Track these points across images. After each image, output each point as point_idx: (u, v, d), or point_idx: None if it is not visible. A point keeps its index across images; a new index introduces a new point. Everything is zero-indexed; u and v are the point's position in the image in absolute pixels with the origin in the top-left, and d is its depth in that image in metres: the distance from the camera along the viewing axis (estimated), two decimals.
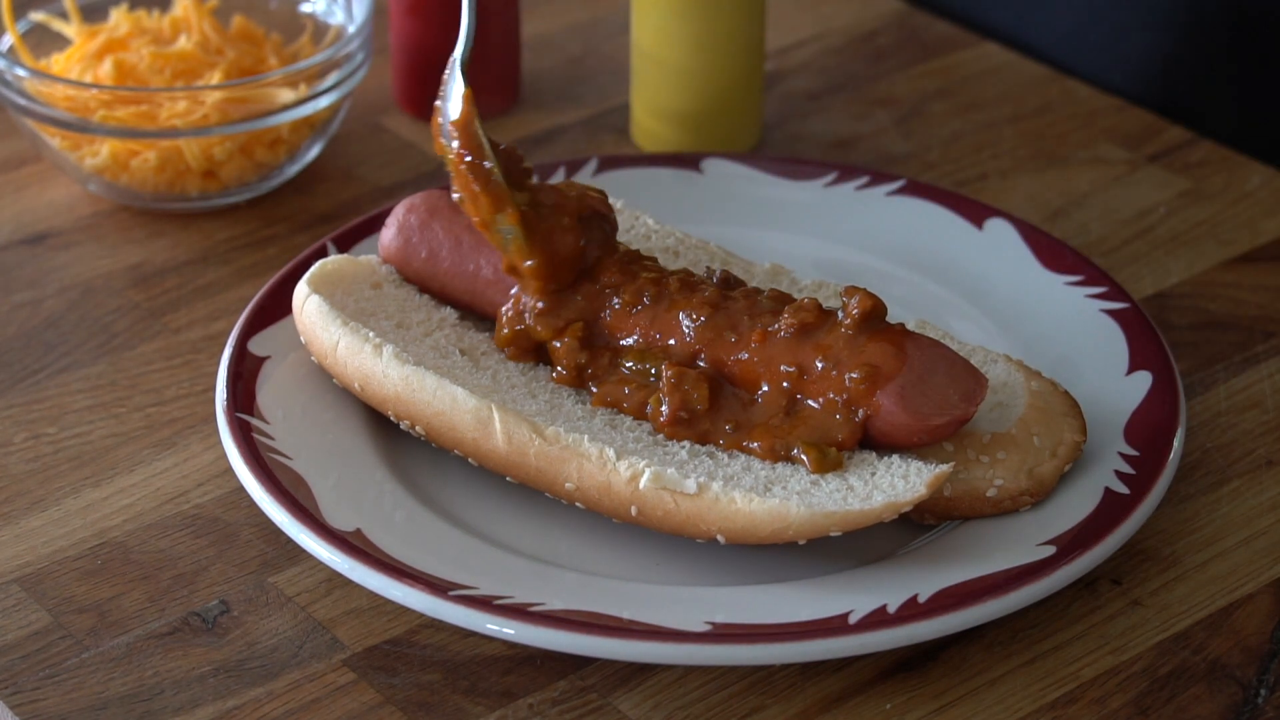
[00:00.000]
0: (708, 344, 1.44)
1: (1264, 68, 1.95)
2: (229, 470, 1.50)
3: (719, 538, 1.36)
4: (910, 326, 1.46)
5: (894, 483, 1.37)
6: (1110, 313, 1.57)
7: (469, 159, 1.48)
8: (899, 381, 1.38)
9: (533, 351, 1.49)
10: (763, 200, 1.72)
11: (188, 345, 1.64)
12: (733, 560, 1.40)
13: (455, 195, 1.51)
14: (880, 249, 1.68)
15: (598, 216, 1.50)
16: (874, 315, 1.41)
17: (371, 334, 1.47)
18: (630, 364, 1.45)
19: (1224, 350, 1.62)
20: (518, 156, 1.52)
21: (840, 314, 1.42)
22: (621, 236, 1.59)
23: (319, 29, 1.87)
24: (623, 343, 1.47)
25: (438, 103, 1.51)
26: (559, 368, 1.47)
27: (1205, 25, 1.97)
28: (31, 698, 1.33)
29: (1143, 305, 1.65)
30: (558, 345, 1.47)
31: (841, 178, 1.73)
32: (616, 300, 1.47)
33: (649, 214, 1.63)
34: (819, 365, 1.40)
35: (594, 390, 1.46)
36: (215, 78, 1.77)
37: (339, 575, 1.41)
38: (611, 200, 1.61)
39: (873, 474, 1.38)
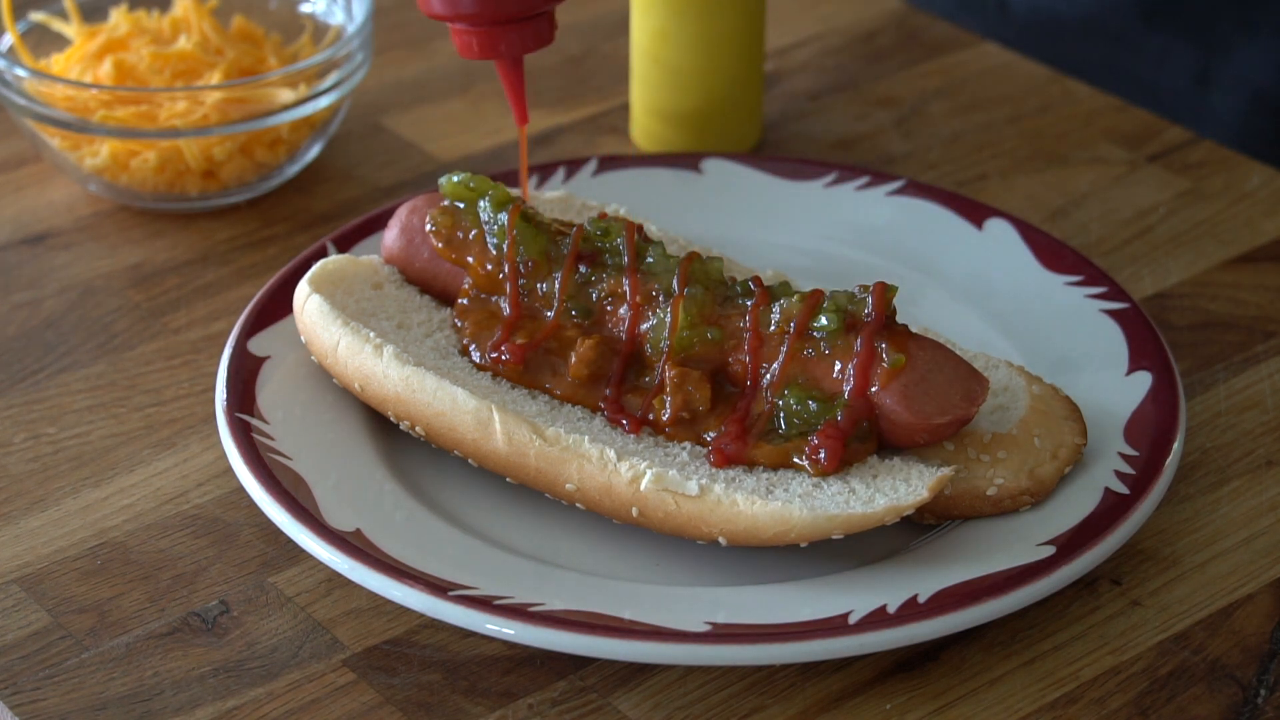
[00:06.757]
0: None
1: (1264, 67, 1.95)
2: (229, 470, 1.50)
3: (721, 540, 1.36)
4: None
5: (896, 485, 1.37)
6: (1110, 313, 1.57)
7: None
8: (902, 380, 1.38)
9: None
10: (763, 200, 1.72)
11: (188, 345, 1.64)
12: (733, 560, 1.40)
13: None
14: (880, 249, 1.68)
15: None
16: None
17: (372, 334, 1.47)
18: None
19: (1224, 350, 1.62)
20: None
21: None
22: None
23: (319, 29, 1.87)
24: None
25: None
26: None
27: (1206, 25, 1.97)
28: (31, 698, 1.33)
29: (1143, 305, 1.65)
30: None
31: (841, 178, 1.73)
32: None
33: (652, 220, 1.63)
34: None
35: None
36: (215, 78, 1.76)
37: (339, 575, 1.41)
38: (613, 205, 1.61)
39: (874, 477, 1.38)
